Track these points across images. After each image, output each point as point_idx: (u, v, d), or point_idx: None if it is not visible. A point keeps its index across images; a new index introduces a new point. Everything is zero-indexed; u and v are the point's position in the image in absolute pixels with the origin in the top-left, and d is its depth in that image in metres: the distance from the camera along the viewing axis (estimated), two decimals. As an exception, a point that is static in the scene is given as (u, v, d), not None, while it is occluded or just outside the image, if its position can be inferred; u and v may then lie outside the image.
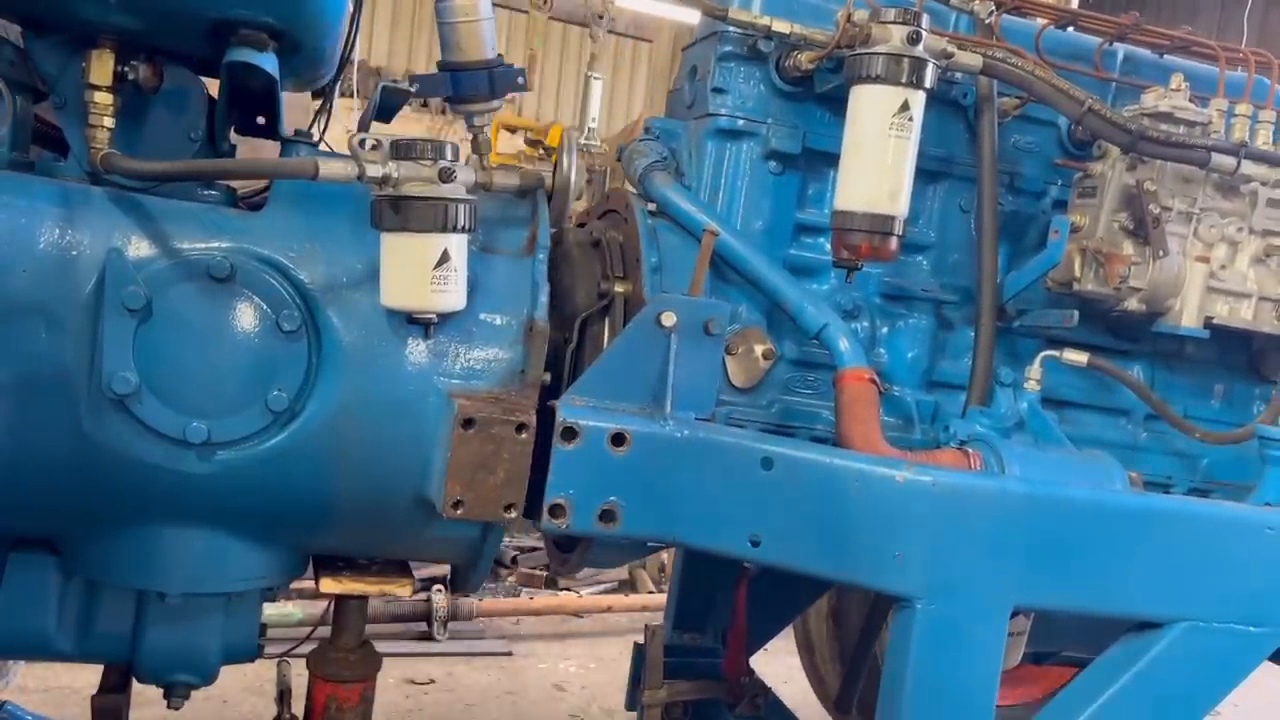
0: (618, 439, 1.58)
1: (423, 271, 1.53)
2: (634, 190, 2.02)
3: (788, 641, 3.06)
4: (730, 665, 2.27)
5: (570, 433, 1.57)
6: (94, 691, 1.90)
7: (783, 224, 1.98)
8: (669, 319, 1.62)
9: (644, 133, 2.08)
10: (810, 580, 2.17)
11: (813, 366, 1.94)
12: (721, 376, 1.81)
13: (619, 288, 1.82)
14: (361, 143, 1.55)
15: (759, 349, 1.88)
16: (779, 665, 3.38)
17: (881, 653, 2.71)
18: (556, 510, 1.57)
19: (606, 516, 1.59)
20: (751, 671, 2.28)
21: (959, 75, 1.91)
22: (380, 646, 1.95)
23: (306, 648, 1.96)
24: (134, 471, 1.54)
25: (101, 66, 1.55)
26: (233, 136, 1.84)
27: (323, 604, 1.94)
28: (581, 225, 2.12)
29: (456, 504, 1.56)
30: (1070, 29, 2.15)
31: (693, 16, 2.13)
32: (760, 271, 1.88)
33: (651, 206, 1.95)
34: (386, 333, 1.61)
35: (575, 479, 1.58)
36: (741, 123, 1.95)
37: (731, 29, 1.91)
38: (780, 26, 1.87)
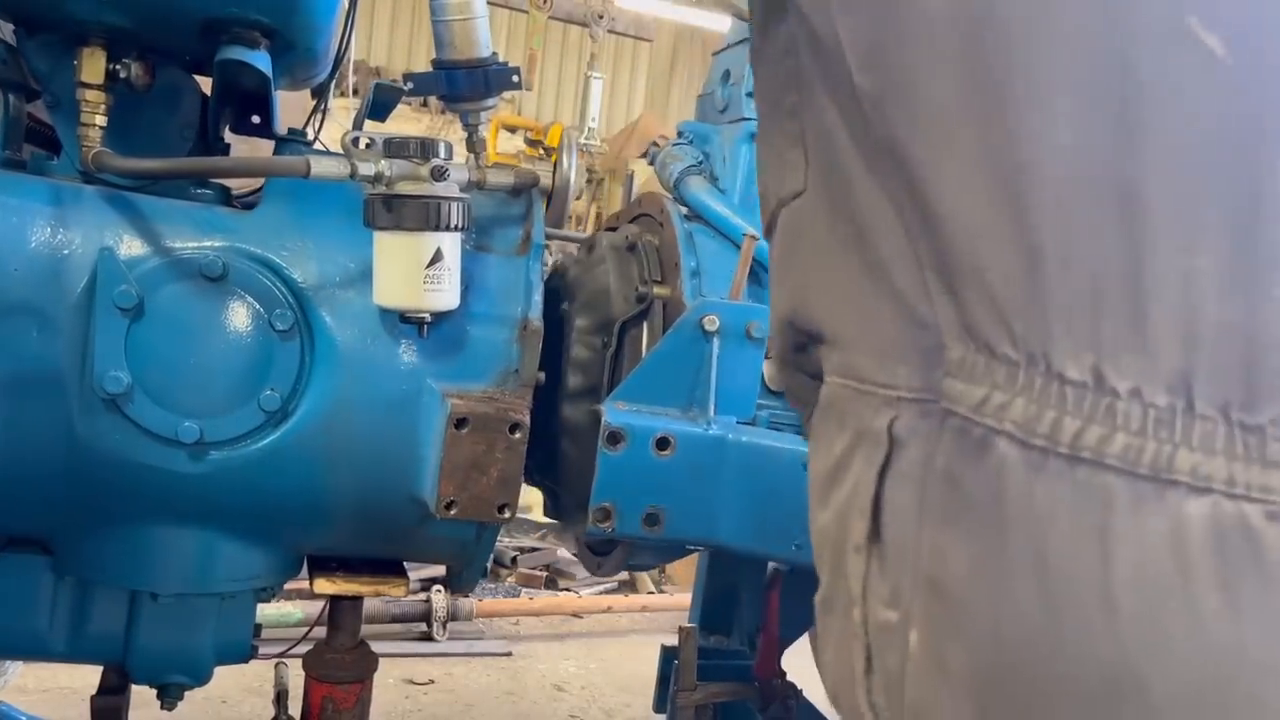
0: (662, 443, 1.58)
1: (415, 270, 1.53)
2: (667, 194, 2.01)
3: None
4: (762, 667, 2.28)
5: (615, 437, 1.57)
6: (93, 692, 1.90)
7: None
8: (712, 323, 1.63)
9: (676, 137, 2.07)
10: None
11: (850, 369, 1.93)
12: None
13: (658, 292, 1.81)
14: (354, 141, 1.54)
15: (794, 353, 1.88)
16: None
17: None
18: (602, 514, 1.58)
19: (651, 520, 1.59)
20: (784, 673, 2.28)
21: None
22: (380, 647, 1.95)
23: (304, 648, 1.96)
24: (126, 471, 1.53)
25: (93, 65, 1.54)
26: (230, 136, 1.84)
27: (323, 604, 1.94)
28: (611, 229, 2.12)
29: (449, 504, 1.55)
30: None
31: (695, 17, 2.13)
32: (797, 275, 1.87)
33: (684, 210, 1.94)
34: (379, 332, 1.60)
35: (620, 483, 1.58)
36: None
37: None
38: None
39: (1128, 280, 0.55)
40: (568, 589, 4.87)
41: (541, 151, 7.30)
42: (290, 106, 1.93)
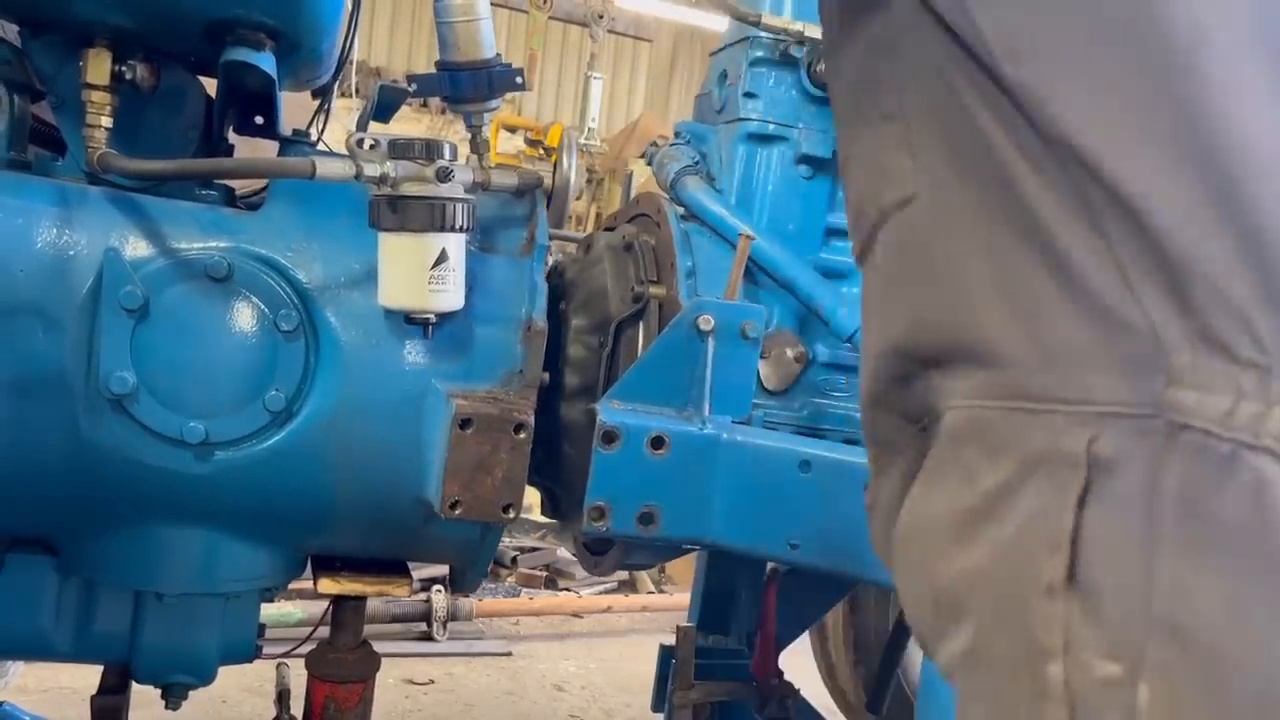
0: (657, 442, 1.59)
1: (420, 271, 1.53)
2: (664, 194, 2.02)
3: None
4: (760, 666, 2.28)
5: (610, 436, 1.58)
6: (94, 692, 1.90)
7: (813, 227, 1.98)
8: (707, 323, 1.63)
9: (674, 137, 2.08)
10: (837, 578, 2.17)
11: (844, 369, 1.93)
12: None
13: (654, 291, 1.81)
14: (359, 142, 1.55)
15: (791, 352, 1.88)
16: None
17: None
18: (597, 513, 1.59)
19: (645, 519, 1.60)
20: (781, 673, 2.29)
21: None
22: (380, 647, 1.95)
23: (306, 648, 1.96)
24: (131, 472, 1.53)
25: (98, 66, 1.54)
26: (232, 136, 1.84)
27: (323, 604, 1.94)
28: (609, 229, 2.12)
29: (454, 504, 1.56)
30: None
31: (695, 17, 2.14)
32: (793, 275, 1.88)
33: (680, 210, 1.95)
34: (384, 332, 1.61)
35: (615, 482, 1.59)
36: (773, 127, 1.94)
37: (764, 34, 1.91)
38: (813, 32, 1.87)
39: None
40: (568, 589, 4.87)
41: (541, 151, 7.30)
42: (287, 106, 1.93)
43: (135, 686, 1.87)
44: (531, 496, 2.17)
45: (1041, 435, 0.60)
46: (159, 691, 1.81)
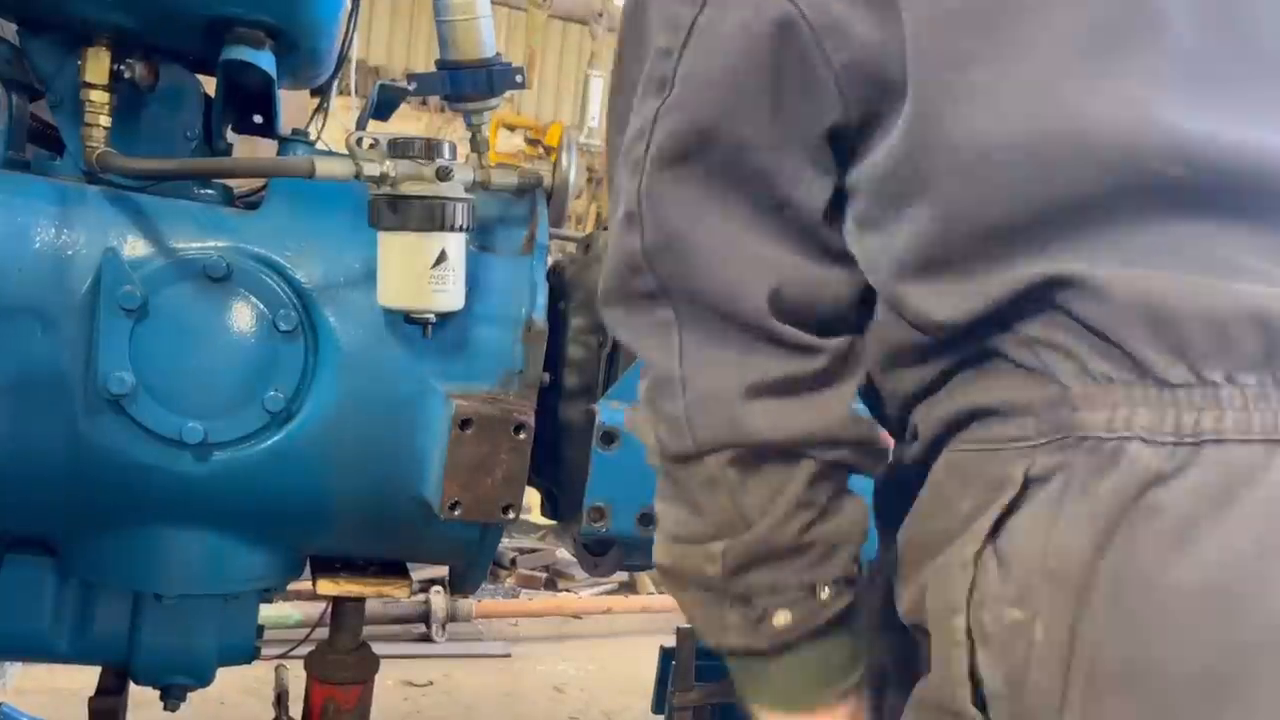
0: None
1: (420, 271, 1.53)
2: None
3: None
4: None
5: (610, 436, 1.58)
6: (91, 693, 1.90)
7: None
8: None
9: None
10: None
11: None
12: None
13: None
14: (359, 141, 1.54)
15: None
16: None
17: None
18: (597, 514, 1.59)
19: (645, 519, 1.60)
20: None
21: None
22: (378, 648, 1.95)
23: (304, 649, 1.95)
24: (130, 472, 1.53)
25: (97, 65, 1.54)
26: (231, 135, 1.84)
27: (321, 605, 1.94)
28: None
29: (454, 505, 1.55)
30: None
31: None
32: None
33: None
34: (384, 332, 1.60)
35: (615, 482, 1.59)
36: None
37: None
38: None
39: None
40: (567, 590, 4.86)
41: (541, 150, 7.29)
42: (286, 105, 1.92)
43: (133, 688, 1.87)
44: (531, 497, 2.17)
45: (996, 468, 0.80)
46: (157, 693, 1.81)
